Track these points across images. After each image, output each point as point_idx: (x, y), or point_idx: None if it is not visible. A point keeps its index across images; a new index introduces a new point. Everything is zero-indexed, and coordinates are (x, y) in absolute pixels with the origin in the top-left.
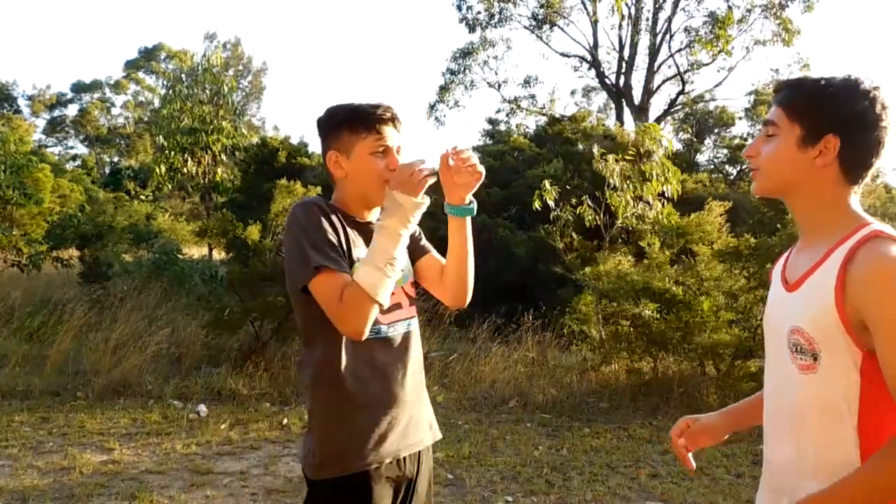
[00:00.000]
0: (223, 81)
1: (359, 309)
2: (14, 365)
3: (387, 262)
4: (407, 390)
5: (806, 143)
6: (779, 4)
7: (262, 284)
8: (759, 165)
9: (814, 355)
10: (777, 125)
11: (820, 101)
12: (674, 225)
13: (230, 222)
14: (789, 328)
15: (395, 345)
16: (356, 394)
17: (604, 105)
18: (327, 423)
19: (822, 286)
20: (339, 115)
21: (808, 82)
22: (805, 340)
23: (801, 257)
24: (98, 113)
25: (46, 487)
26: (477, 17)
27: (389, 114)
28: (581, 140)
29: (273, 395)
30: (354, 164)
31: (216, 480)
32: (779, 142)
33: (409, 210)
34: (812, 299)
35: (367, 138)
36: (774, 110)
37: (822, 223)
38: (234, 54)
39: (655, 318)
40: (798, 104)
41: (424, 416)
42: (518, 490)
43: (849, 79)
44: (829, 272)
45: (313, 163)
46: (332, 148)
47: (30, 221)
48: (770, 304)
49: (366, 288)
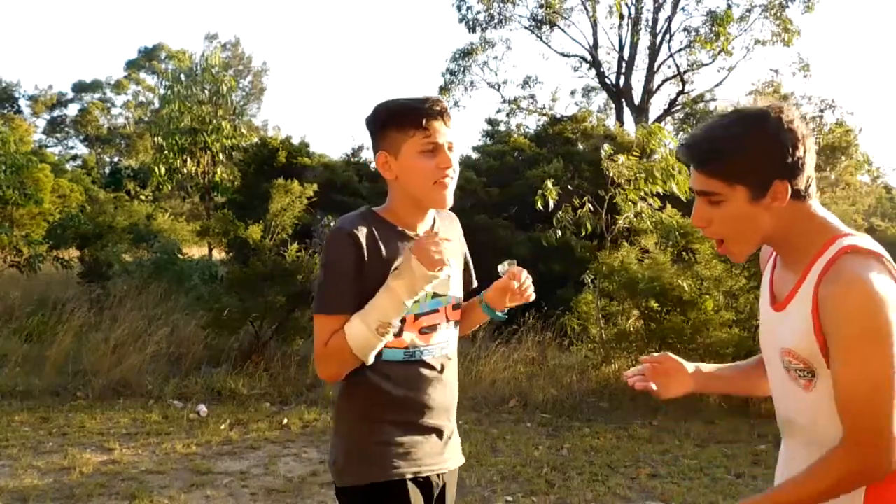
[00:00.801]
0: (222, 81)
1: (338, 361)
2: (14, 365)
3: (380, 324)
4: (438, 412)
5: (757, 198)
6: (779, 4)
7: (262, 284)
8: (721, 234)
9: (811, 372)
10: (717, 193)
11: (749, 156)
12: (675, 224)
13: (231, 222)
14: (782, 349)
15: (430, 367)
16: (387, 410)
17: (604, 105)
18: (355, 432)
19: (801, 308)
20: (385, 113)
21: (721, 140)
22: (798, 361)
23: (787, 273)
24: (98, 113)
25: (46, 487)
26: (477, 18)
27: (438, 107)
28: (581, 140)
29: (273, 395)
30: (402, 164)
31: (216, 480)
32: (728, 206)
33: (419, 279)
34: (794, 320)
35: (414, 136)
36: (705, 180)
37: (798, 244)
38: (234, 54)
39: (659, 316)
40: (728, 167)
41: (454, 440)
42: (518, 490)
43: (752, 116)
44: (805, 293)
45: (313, 163)
46: (381, 148)
47: (30, 221)
48: (762, 321)
49: (351, 345)
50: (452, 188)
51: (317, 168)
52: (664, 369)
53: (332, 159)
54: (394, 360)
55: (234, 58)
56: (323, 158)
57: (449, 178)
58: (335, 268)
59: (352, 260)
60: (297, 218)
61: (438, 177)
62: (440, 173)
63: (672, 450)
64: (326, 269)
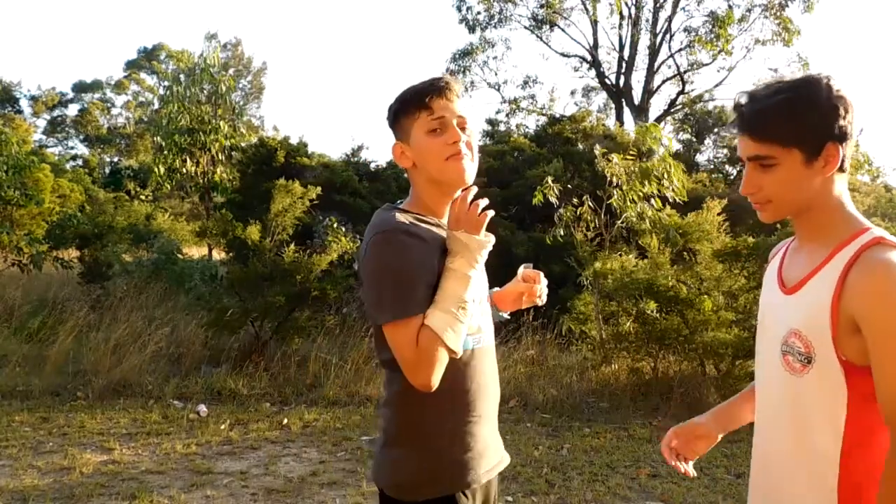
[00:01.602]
0: (221, 81)
1: (433, 361)
2: (14, 365)
3: (459, 307)
4: (495, 403)
5: (810, 161)
6: (779, 4)
7: (262, 284)
8: (770, 197)
9: (808, 358)
10: (771, 156)
11: (804, 118)
12: (674, 224)
13: (229, 222)
14: (788, 330)
15: (489, 354)
16: (464, 406)
17: (604, 105)
18: (434, 438)
19: (821, 289)
20: (394, 104)
21: (777, 103)
22: (802, 343)
23: (800, 260)
24: (98, 113)
25: (46, 487)
26: (477, 18)
27: (438, 85)
28: (581, 140)
29: (273, 395)
30: (415, 149)
31: (216, 480)
32: (782, 169)
33: (474, 250)
34: (810, 302)
35: (420, 118)
36: (759, 144)
37: (825, 227)
38: (234, 54)
39: (658, 317)
40: (784, 129)
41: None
42: (518, 490)
43: (803, 81)
44: (829, 276)
45: (313, 163)
46: (397, 139)
47: (30, 221)
48: (765, 305)
49: (443, 338)
50: (470, 163)
51: (316, 168)
52: (686, 442)
53: (332, 159)
54: (467, 348)
55: (234, 58)
56: (322, 158)
57: (462, 153)
58: (401, 269)
59: (413, 258)
60: (299, 219)
61: (450, 152)
62: (450, 148)
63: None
64: (389, 272)
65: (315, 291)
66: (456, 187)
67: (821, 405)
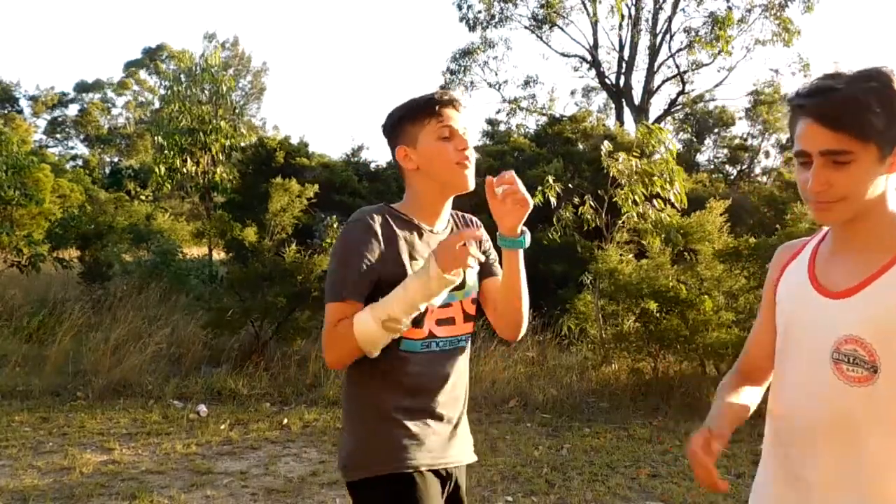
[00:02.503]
0: (222, 81)
1: (342, 348)
2: (14, 365)
3: (388, 320)
4: (447, 406)
5: (884, 157)
6: (779, 4)
7: (262, 284)
8: (844, 195)
9: (873, 367)
10: (849, 151)
11: (885, 112)
12: (675, 224)
13: (227, 223)
14: (841, 337)
15: (441, 360)
16: (400, 398)
17: (604, 105)
18: (367, 422)
19: (889, 293)
20: (399, 112)
21: (859, 95)
22: (865, 351)
23: (847, 264)
24: (98, 113)
25: (46, 487)
26: (477, 17)
27: (447, 97)
28: (581, 140)
29: (273, 395)
30: (423, 152)
31: (216, 480)
32: (857, 166)
33: (433, 282)
34: (876, 306)
35: (429, 124)
36: (837, 137)
37: (879, 230)
38: (233, 54)
39: (658, 317)
40: (866, 123)
41: (463, 435)
42: (518, 490)
43: (880, 73)
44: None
45: (313, 163)
46: (400, 143)
47: (30, 221)
48: (796, 312)
49: (356, 334)
50: (473, 171)
51: (316, 168)
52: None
53: (332, 159)
54: (411, 351)
55: (234, 57)
56: (322, 158)
57: (468, 161)
58: (349, 255)
59: (366, 248)
60: (297, 218)
61: (459, 158)
62: (460, 155)
63: (672, 450)
64: (340, 256)
65: (315, 291)
66: (460, 191)
67: (891, 416)
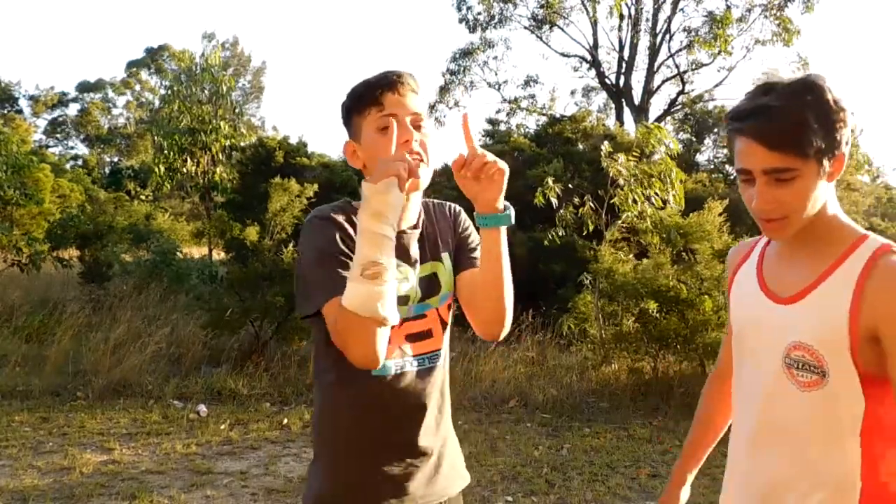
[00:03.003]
0: (222, 81)
1: (355, 334)
2: (14, 365)
3: (364, 269)
4: (429, 435)
5: (823, 170)
6: (778, 4)
7: (261, 284)
8: (787, 211)
9: (822, 372)
10: (792, 169)
11: (822, 125)
12: (675, 224)
13: (227, 223)
14: (790, 343)
15: (416, 381)
16: (374, 432)
17: (604, 105)
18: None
19: (834, 300)
20: (346, 100)
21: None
22: (812, 357)
23: (793, 268)
24: (98, 113)
25: (46, 487)
26: (477, 18)
27: (390, 79)
28: (581, 140)
29: (273, 395)
30: (365, 147)
31: (216, 480)
32: (801, 182)
33: (370, 199)
34: (821, 314)
35: (370, 114)
36: (780, 157)
37: (823, 235)
38: (233, 53)
39: (658, 317)
40: (805, 140)
41: (450, 461)
42: (518, 490)
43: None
44: (840, 286)
45: (312, 163)
46: (349, 138)
47: (30, 221)
48: (748, 318)
49: (354, 309)
50: (425, 167)
51: (315, 168)
52: None
53: (332, 159)
54: (382, 374)
55: (233, 57)
56: (322, 158)
57: (416, 155)
58: (321, 254)
59: (334, 241)
60: (297, 218)
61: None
62: (402, 148)
63: (672, 450)
64: (308, 256)
65: None
66: (410, 191)
67: (841, 418)
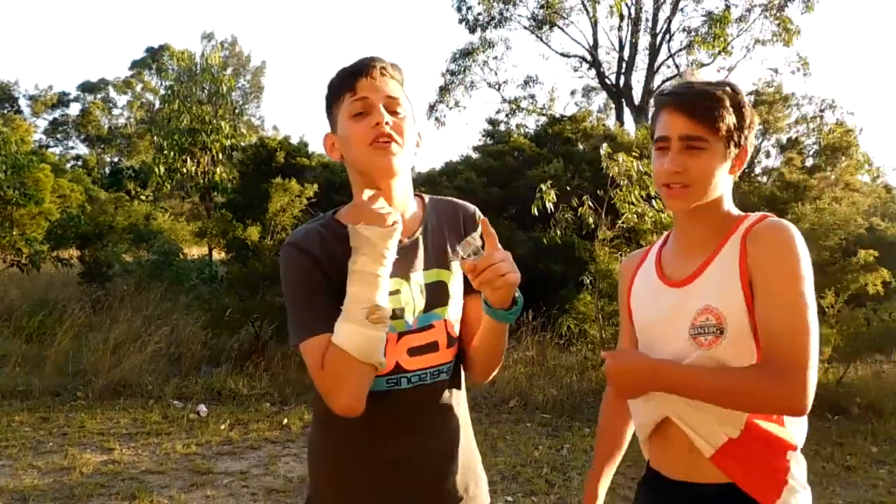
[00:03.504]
0: (221, 81)
1: (344, 379)
2: (14, 365)
3: (370, 313)
4: (441, 454)
5: (728, 156)
6: (778, 4)
7: (262, 284)
8: (691, 181)
9: (720, 329)
10: (703, 138)
11: (735, 113)
12: None
13: (228, 223)
14: (694, 312)
15: (415, 400)
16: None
17: (604, 105)
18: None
19: (724, 264)
20: (327, 91)
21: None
22: (714, 317)
23: (685, 254)
24: (99, 113)
25: (46, 487)
26: (477, 18)
27: (363, 63)
28: (581, 140)
29: (273, 395)
30: (340, 137)
31: (216, 480)
32: (709, 156)
33: (378, 242)
34: (717, 278)
35: (343, 101)
36: (695, 125)
37: (717, 221)
38: (232, 53)
39: None
40: (718, 117)
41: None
42: (518, 490)
43: (733, 83)
44: (729, 253)
45: (313, 163)
46: (329, 131)
47: (30, 221)
48: (650, 311)
49: (348, 349)
50: (400, 149)
51: (316, 168)
52: None
53: (332, 159)
54: (376, 391)
55: (232, 56)
56: (323, 158)
57: (387, 138)
58: (300, 286)
59: (311, 272)
60: (297, 218)
61: (373, 136)
62: (374, 131)
63: None
64: (290, 290)
65: None
66: (383, 178)
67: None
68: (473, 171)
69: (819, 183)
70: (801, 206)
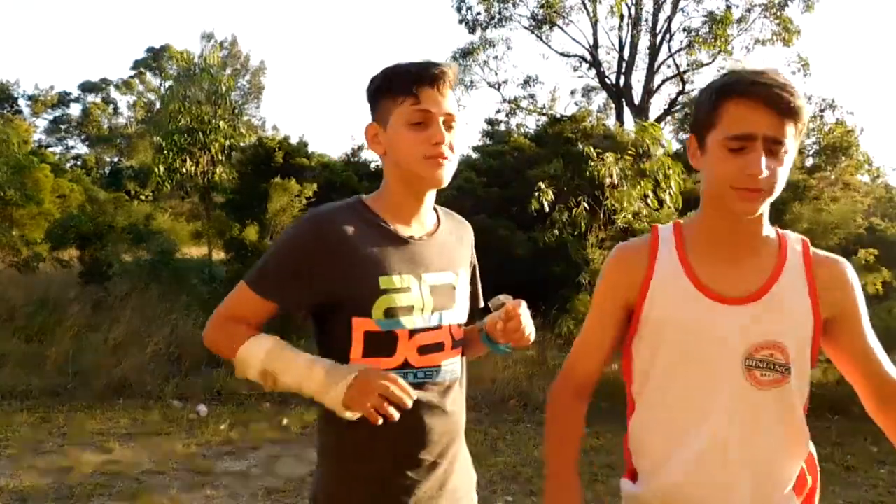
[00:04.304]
0: (221, 81)
1: (221, 344)
2: (14, 365)
3: (269, 372)
4: (437, 446)
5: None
6: (778, 4)
7: None
8: (770, 186)
9: (787, 369)
10: (784, 143)
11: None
12: None
13: (226, 223)
14: (754, 343)
15: (428, 396)
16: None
17: (604, 105)
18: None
19: (793, 294)
20: (377, 80)
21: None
22: (781, 354)
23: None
24: (100, 113)
25: (46, 487)
26: (477, 18)
27: (433, 73)
28: (581, 140)
29: (273, 395)
30: (390, 136)
31: (216, 480)
32: (789, 159)
33: (328, 400)
34: (786, 309)
35: (402, 104)
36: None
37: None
38: (231, 53)
39: None
40: (803, 119)
41: (460, 483)
42: (518, 490)
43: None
44: (794, 281)
45: (312, 163)
46: (373, 119)
47: (30, 221)
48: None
49: (238, 355)
50: (450, 167)
51: (315, 168)
52: None
53: (332, 159)
54: None
55: (232, 56)
56: (322, 158)
57: (443, 157)
58: (289, 254)
59: (307, 255)
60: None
61: (430, 152)
62: (432, 149)
63: None
64: (279, 247)
65: None
66: (428, 189)
67: (797, 410)
68: (473, 171)
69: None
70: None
